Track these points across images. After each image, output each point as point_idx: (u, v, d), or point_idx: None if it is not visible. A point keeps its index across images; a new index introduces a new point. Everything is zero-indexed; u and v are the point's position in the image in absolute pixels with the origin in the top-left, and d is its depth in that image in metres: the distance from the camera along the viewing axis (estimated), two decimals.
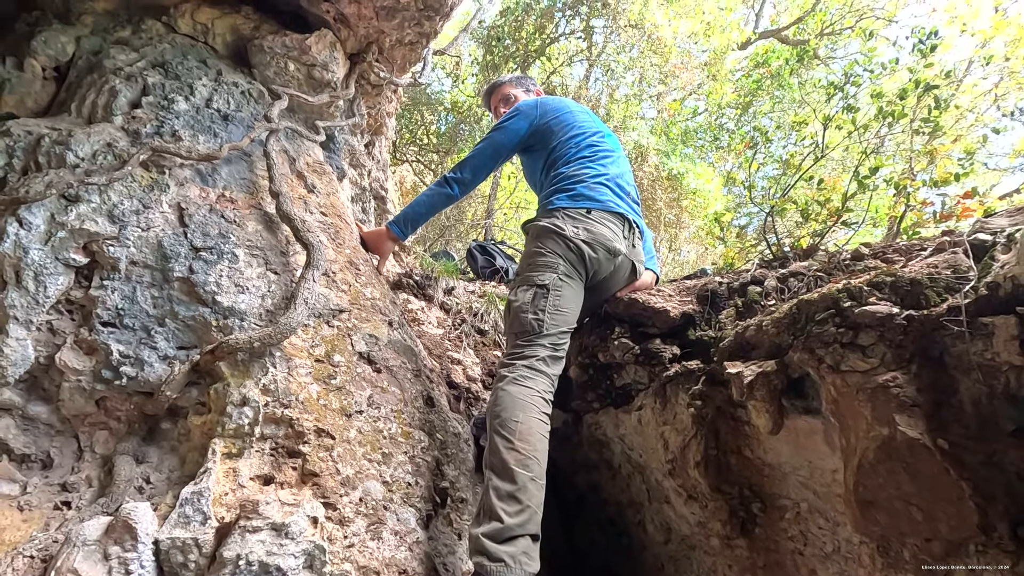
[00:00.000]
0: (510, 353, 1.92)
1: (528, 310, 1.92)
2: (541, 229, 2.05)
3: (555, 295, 1.94)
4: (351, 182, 3.11)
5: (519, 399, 1.77)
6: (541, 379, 1.86)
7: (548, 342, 1.89)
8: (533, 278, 1.98)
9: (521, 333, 1.91)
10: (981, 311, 1.23)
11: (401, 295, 3.19)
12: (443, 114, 7.86)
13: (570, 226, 2.01)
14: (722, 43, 6.87)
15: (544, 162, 2.29)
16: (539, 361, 1.86)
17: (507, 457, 1.63)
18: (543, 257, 2.00)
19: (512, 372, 1.85)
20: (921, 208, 2.23)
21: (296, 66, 2.54)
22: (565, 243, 2.00)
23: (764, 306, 1.91)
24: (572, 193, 2.09)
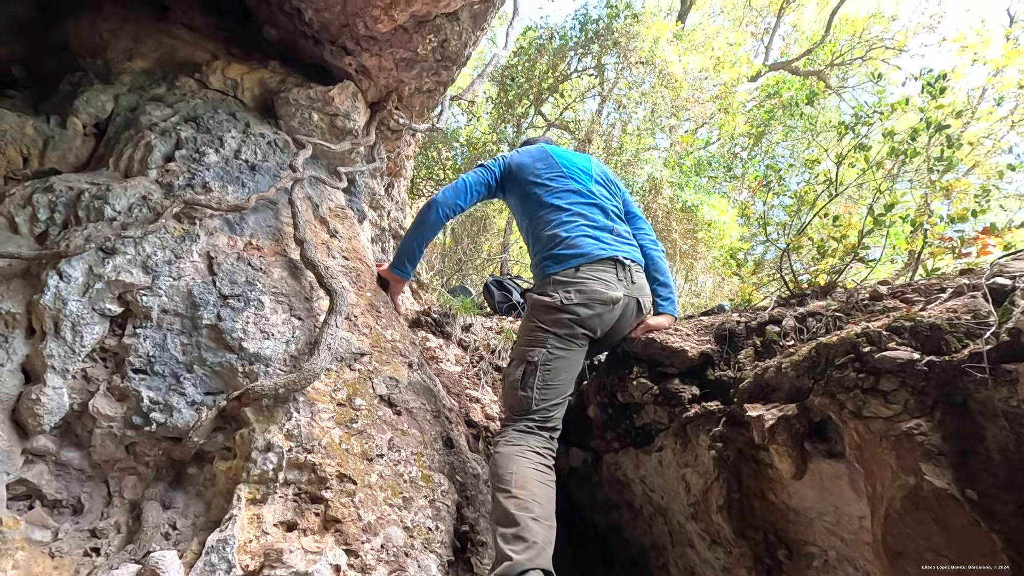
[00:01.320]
0: (503, 421, 2.02)
1: (518, 387, 1.98)
2: (535, 302, 2.10)
3: (544, 371, 1.98)
4: (371, 223, 3.19)
5: (511, 455, 1.83)
6: (532, 437, 1.92)
7: (538, 416, 1.95)
8: (525, 353, 2.03)
9: (513, 407, 2.00)
10: (1004, 358, 1.22)
11: (420, 333, 3.23)
12: (459, 149, 8.04)
13: (561, 294, 2.03)
14: (732, 77, 6.99)
15: (520, 211, 2.36)
16: (526, 426, 1.94)
17: (507, 504, 1.67)
18: (533, 331, 2.05)
19: (504, 436, 1.93)
20: (940, 244, 2.23)
21: (320, 116, 2.65)
22: (558, 312, 2.02)
23: (783, 346, 1.91)
24: (557, 256, 2.11)
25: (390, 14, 2.37)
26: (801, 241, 2.46)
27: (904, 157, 2.10)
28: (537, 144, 2.50)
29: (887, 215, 2.15)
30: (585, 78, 7.66)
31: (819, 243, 2.39)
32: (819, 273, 2.49)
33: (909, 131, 2.03)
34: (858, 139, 2.17)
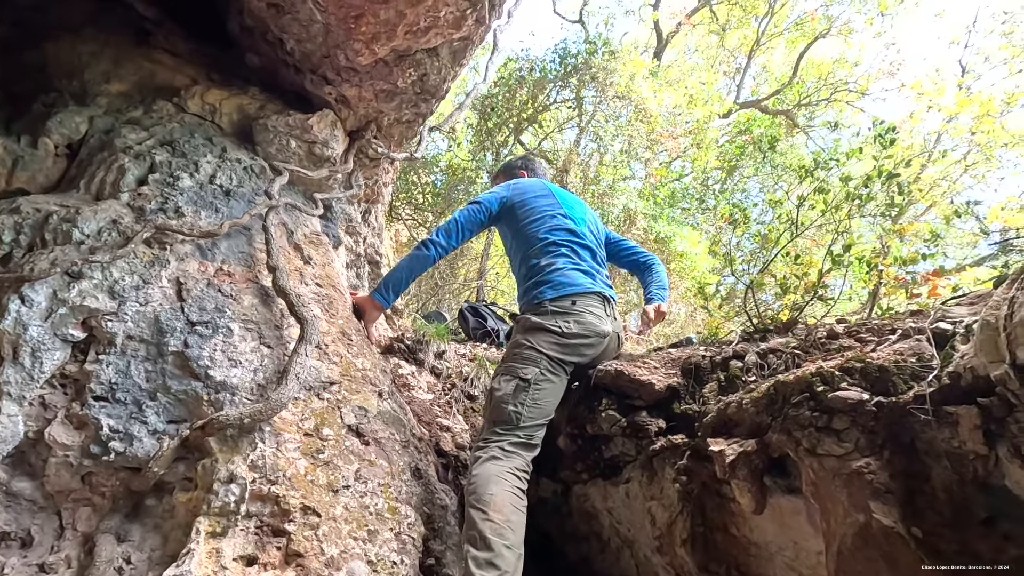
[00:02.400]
0: (485, 438, 2.01)
1: (509, 401, 2.00)
2: (534, 324, 2.14)
3: (535, 389, 2.03)
4: (347, 249, 3.20)
5: (492, 475, 1.85)
6: (514, 458, 1.94)
7: (523, 433, 1.98)
8: (517, 370, 2.07)
9: (499, 422, 2.00)
10: (946, 400, 1.29)
11: (392, 360, 3.22)
12: (439, 175, 8.11)
13: (561, 322, 2.11)
14: (705, 114, 7.26)
15: (513, 243, 2.43)
16: (511, 445, 1.95)
17: (483, 527, 1.68)
18: (528, 350, 2.09)
19: (486, 452, 1.94)
20: (894, 284, 2.33)
21: (298, 143, 2.67)
22: (556, 339, 2.10)
23: (745, 382, 1.96)
24: (554, 283, 2.19)
25: (371, 48, 2.42)
26: (764, 278, 2.55)
27: (859, 202, 2.21)
28: (537, 178, 2.60)
29: (844, 256, 2.24)
30: (564, 109, 7.85)
31: (781, 280, 2.48)
32: (782, 309, 2.58)
33: (863, 178, 2.15)
34: (819, 183, 2.28)
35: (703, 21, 9.93)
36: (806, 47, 9.31)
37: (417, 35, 2.40)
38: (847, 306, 3.65)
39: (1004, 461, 1.22)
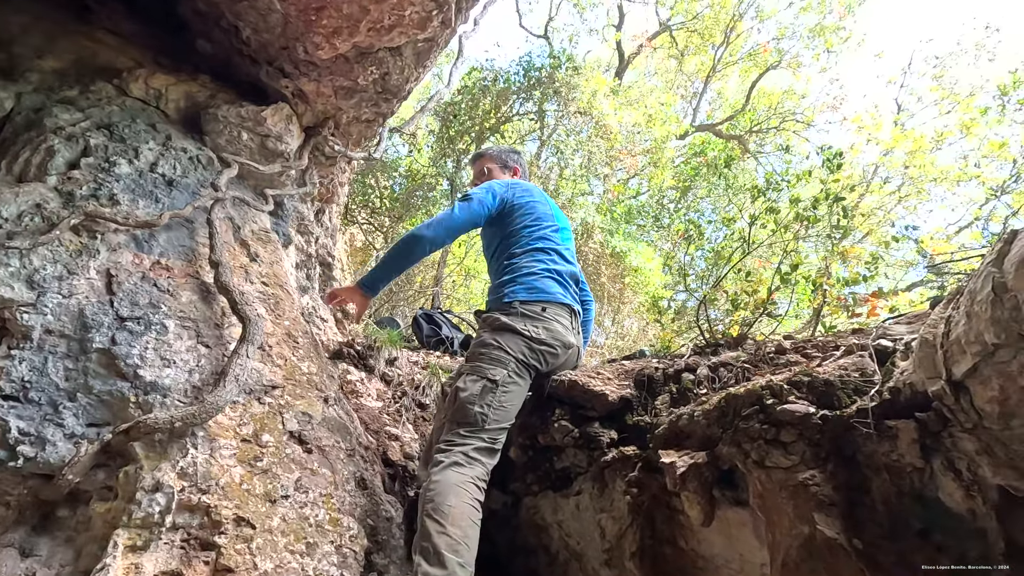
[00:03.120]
0: (448, 440, 1.92)
1: (475, 402, 1.94)
2: (503, 325, 2.09)
3: (503, 391, 1.98)
4: (297, 248, 3.08)
5: (453, 484, 1.77)
6: (477, 466, 1.88)
7: (487, 436, 1.92)
8: (485, 370, 2.01)
9: (463, 423, 1.93)
10: (886, 414, 1.32)
11: (341, 365, 3.10)
12: (397, 180, 7.99)
13: (530, 326, 2.07)
14: (662, 134, 7.47)
15: (499, 241, 2.34)
16: (475, 451, 1.88)
17: (438, 541, 1.62)
18: (497, 351, 2.04)
19: (448, 458, 1.85)
20: (837, 304, 2.42)
21: (250, 136, 2.56)
22: (525, 342, 2.06)
23: (696, 395, 1.98)
24: (528, 286, 2.16)
25: (332, 42, 2.35)
26: (716, 293, 2.60)
27: (807, 223, 2.29)
28: (530, 183, 2.53)
29: (792, 274, 2.31)
30: (526, 122, 7.90)
31: (733, 296, 2.53)
32: (732, 324, 2.64)
33: (811, 200, 2.23)
34: (769, 203, 2.35)
35: (663, 45, 10.25)
36: (758, 77, 9.76)
37: (380, 32, 2.35)
38: (793, 324, 3.79)
39: (938, 474, 1.26)
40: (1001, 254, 1.10)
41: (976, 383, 1.14)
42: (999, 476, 1.16)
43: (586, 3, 9.00)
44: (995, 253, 1.12)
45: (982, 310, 1.10)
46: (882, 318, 2.29)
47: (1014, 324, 1.03)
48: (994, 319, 1.07)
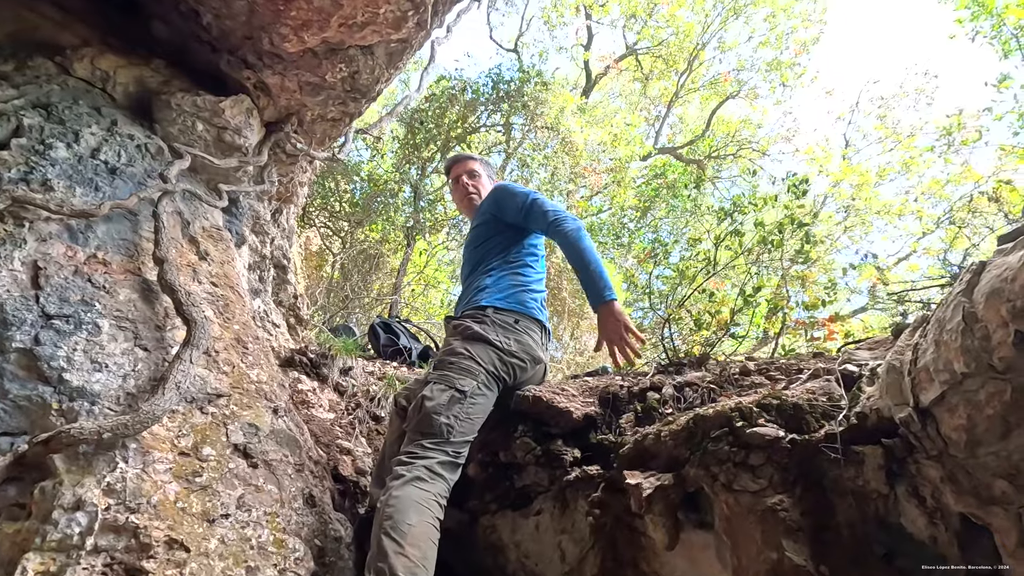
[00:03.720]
0: (410, 452, 1.82)
1: (442, 412, 1.86)
2: (475, 334, 2.02)
3: (471, 403, 1.91)
4: (251, 249, 2.92)
5: (414, 501, 1.68)
6: (439, 482, 1.79)
7: (452, 449, 1.84)
8: (454, 380, 1.93)
9: (428, 434, 1.84)
10: (854, 439, 1.33)
11: (292, 374, 2.95)
12: (359, 184, 7.81)
13: (502, 337, 2.02)
14: (626, 154, 7.62)
15: (500, 249, 2.26)
16: (439, 464, 1.80)
17: (395, 563, 1.53)
18: (467, 360, 1.97)
19: (410, 472, 1.75)
20: (796, 327, 2.46)
21: (205, 127, 2.41)
22: (496, 354, 2.00)
23: (662, 414, 1.96)
24: (506, 296, 2.11)
25: (300, 35, 2.25)
26: (680, 313, 2.61)
27: (771, 247, 2.33)
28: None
29: (755, 297, 2.34)
30: (493, 133, 7.89)
31: (696, 316, 2.54)
32: (693, 344, 2.65)
33: (776, 224, 2.27)
34: (735, 225, 2.39)
35: (629, 68, 10.50)
36: (718, 105, 10.12)
37: (352, 29, 2.26)
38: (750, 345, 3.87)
39: (902, 500, 1.27)
40: (971, 284, 1.12)
41: (943, 411, 1.15)
42: (961, 504, 1.17)
43: (556, 21, 9.14)
44: (964, 283, 1.14)
45: (952, 339, 1.11)
46: (840, 342, 2.34)
47: (984, 354, 1.04)
48: (964, 348, 1.08)
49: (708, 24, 9.47)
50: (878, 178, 7.47)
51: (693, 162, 9.66)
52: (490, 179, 2.54)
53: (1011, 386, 1.02)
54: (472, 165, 2.50)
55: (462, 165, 2.51)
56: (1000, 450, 1.08)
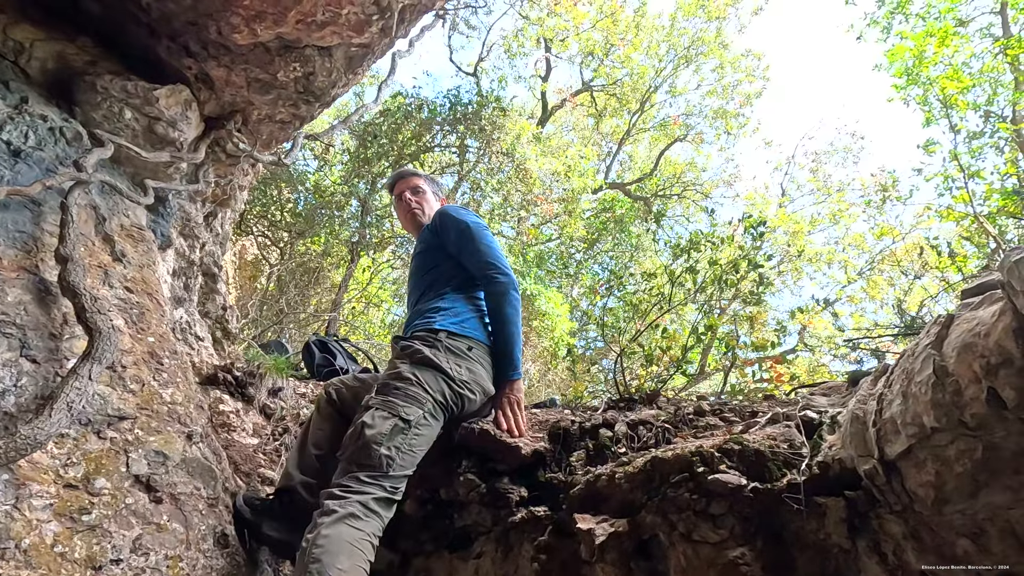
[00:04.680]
0: (344, 485, 1.65)
1: (382, 442, 1.69)
2: (423, 358, 1.89)
3: (415, 434, 1.77)
4: (177, 253, 2.66)
5: (346, 543, 1.51)
6: (374, 521, 1.62)
7: (390, 484, 1.68)
8: (398, 408, 1.77)
9: (365, 466, 1.67)
10: (816, 490, 1.28)
11: (214, 393, 2.67)
12: (303, 194, 7.50)
13: (454, 364, 1.91)
14: (579, 185, 7.73)
15: (453, 274, 2.18)
16: (375, 501, 1.63)
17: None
18: (414, 387, 1.83)
19: (343, 508, 1.58)
20: (743, 368, 2.47)
21: (135, 115, 2.18)
22: (446, 382, 1.88)
23: (615, 453, 1.88)
24: (461, 320, 2.01)
25: (252, 28, 2.09)
26: (633, 347, 2.57)
27: (724, 286, 2.34)
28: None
29: (707, 334, 2.32)
30: (447, 154, 7.82)
31: (648, 351, 2.51)
32: (644, 379, 2.61)
33: (731, 264, 2.28)
34: (691, 262, 2.38)
35: (584, 103, 10.78)
36: (667, 146, 10.53)
37: (311, 27, 2.13)
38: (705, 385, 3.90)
39: (863, 556, 1.23)
40: (940, 337, 1.11)
41: (910, 465, 1.12)
42: (923, 562, 1.14)
43: (517, 51, 9.28)
44: (933, 336, 1.12)
45: (922, 392, 1.09)
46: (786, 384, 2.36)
47: (955, 409, 1.02)
48: (934, 402, 1.06)
49: (661, 69, 9.91)
50: (810, 227, 7.93)
51: (640, 199, 9.95)
52: (436, 196, 2.46)
53: (982, 444, 1.00)
54: (416, 181, 2.42)
55: (406, 181, 2.42)
56: (967, 508, 1.05)
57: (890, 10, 7.75)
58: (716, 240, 2.25)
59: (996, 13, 7.32)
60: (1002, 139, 5.54)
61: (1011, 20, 6.69)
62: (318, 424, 2.13)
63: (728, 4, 9.87)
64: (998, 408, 0.96)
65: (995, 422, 0.97)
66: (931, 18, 6.92)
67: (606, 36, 9.74)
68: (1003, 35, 6.92)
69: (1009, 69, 5.82)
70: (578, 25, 9.48)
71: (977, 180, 4.74)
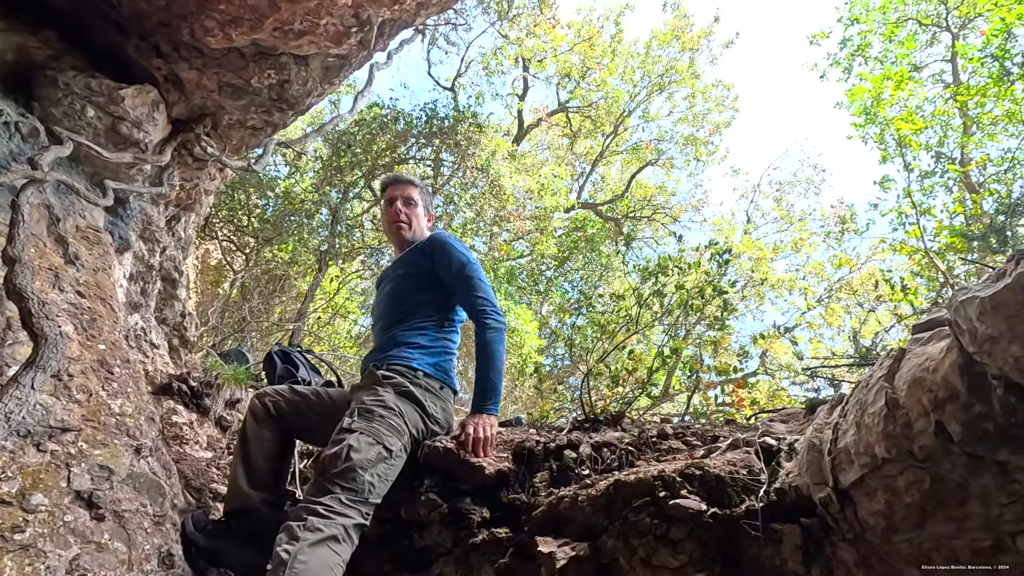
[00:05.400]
0: (327, 505, 1.62)
1: (368, 468, 1.70)
2: (407, 392, 1.93)
3: (392, 464, 1.81)
4: (136, 257, 2.57)
5: (327, 566, 1.52)
6: (347, 547, 1.63)
7: (365, 510, 1.69)
8: (384, 437, 1.79)
9: (348, 489, 1.66)
10: (773, 516, 1.31)
11: (167, 403, 2.57)
12: (272, 200, 7.35)
13: (431, 402, 1.97)
14: (551, 204, 7.82)
15: (435, 307, 2.17)
16: (353, 527, 1.64)
17: None
18: (397, 418, 1.86)
19: (328, 529, 1.57)
20: (707, 391, 2.51)
21: (98, 113, 2.11)
22: (422, 418, 1.94)
23: (579, 475, 1.88)
24: (435, 363, 2.06)
25: (227, 32, 2.05)
26: (600, 367, 2.59)
27: (690, 310, 2.38)
28: None
29: (672, 357, 2.36)
30: (422, 167, 7.80)
31: (615, 372, 2.53)
32: (609, 399, 2.62)
33: (697, 289, 2.33)
34: (658, 286, 2.42)
35: (559, 123, 10.95)
36: (638, 170, 10.76)
37: (288, 36, 2.11)
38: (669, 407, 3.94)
39: None
40: (892, 370, 1.15)
41: (862, 494, 1.15)
42: None
43: (495, 68, 9.38)
44: (885, 368, 1.17)
45: (874, 423, 1.12)
46: (747, 407, 2.41)
47: (905, 441, 1.06)
48: (886, 433, 1.09)
49: (635, 94, 10.16)
50: (773, 254, 8.18)
51: (612, 219, 10.11)
52: (427, 211, 2.39)
53: (930, 475, 1.03)
54: (412, 192, 2.31)
55: (402, 188, 2.32)
56: (914, 538, 1.08)
57: (851, 52, 8.16)
58: (683, 265, 2.31)
59: (947, 61, 7.79)
60: (951, 179, 5.88)
61: (961, 68, 7.13)
62: (262, 436, 2.08)
63: (701, 36, 10.23)
64: (945, 441, 1.00)
65: (942, 455, 1.01)
66: (888, 62, 7.33)
67: (583, 59, 9.95)
68: (953, 82, 7.36)
69: (958, 114, 6.19)
70: (556, 47, 9.66)
71: (928, 217, 5.00)
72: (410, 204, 2.29)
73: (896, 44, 7.51)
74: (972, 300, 0.92)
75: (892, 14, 7.53)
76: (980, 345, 0.92)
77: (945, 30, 7.55)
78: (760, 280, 7.63)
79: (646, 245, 10.73)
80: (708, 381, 2.60)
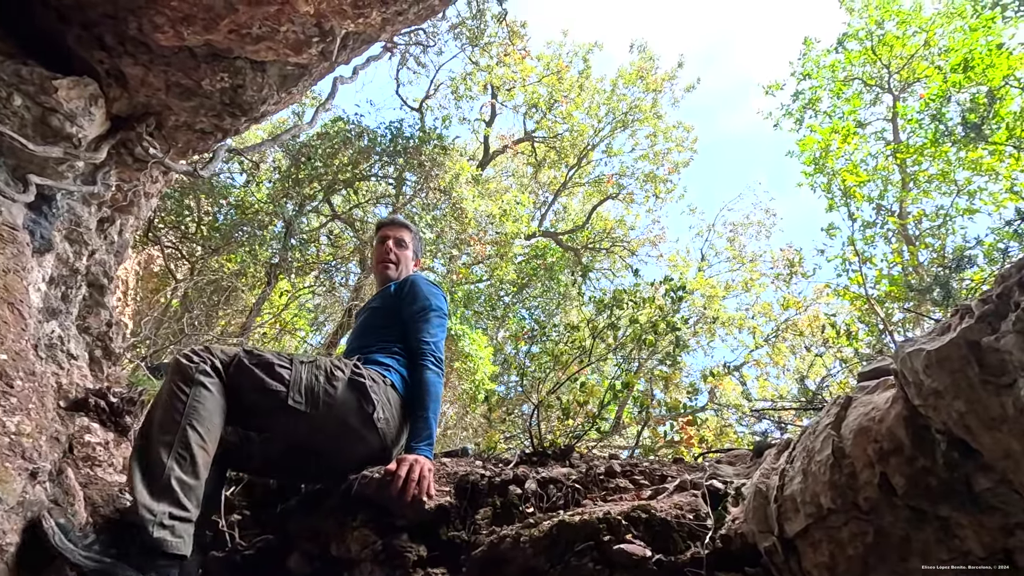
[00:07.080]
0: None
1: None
2: (357, 384, 1.94)
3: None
4: (59, 259, 2.36)
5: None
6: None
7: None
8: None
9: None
10: (719, 564, 1.27)
11: (80, 420, 2.34)
12: (225, 208, 7.07)
13: (381, 399, 1.98)
14: (512, 230, 7.84)
15: (395, 335, 2.19)
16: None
17: None
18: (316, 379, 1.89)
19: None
20: (656, 427, 2.48)
21: (27, 102, 1.95)
22: (360, 405, 1.92)
23: (523, 512, 1.80)
24: (404, 381, 2.09)
25: (178, 30, 1.95)
26: (551, 399, 2.54)
27: (643, 344, 2.37)
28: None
29: (623, 392, 2.33)
30: (383, 184, 7.70)
31: (566, 404, 2.48)
32: (559, 433, 2.57)
33: (650, 324, 2.33)
34: (612, 319, 2.41)
35: (524, 152, 11.08)
36: (599, 202, 10.97)
37: (245, 39, 2.02)
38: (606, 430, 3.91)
39: None
40: (839, 418, 1.14)
41: (806, 545, 1.13)
42: None
43: (463, 93, 9.44)
44: (832, 416, 1.16)
45: (820, 472, 1.11)
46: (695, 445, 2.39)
47: (850, 491, 1.04)
48: (832, 483, 1.07)
49: (600, 129, 10.42)
50: (724, 292, 8.42)
51: (571, 249, 10.21)
52: (415, 256, 2.50)
53: (873, 528, 1.01)
54: (405, 235, 2.44)
55: (396, 229, 2.45)
56: None
57: (802, 105, 8.64)
58: (638, 299, 2.32)
59: (888, 120, 8.34)
60: (891, 231, 6.22)
61: (900, 128, 7.64)
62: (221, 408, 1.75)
63: (665, 79, 10.63)
64: (889, 494, 0.98)
65: (886, 507, 0.99)
66: (836, 116, 7.79)
67: (551, 92, 10.16)
68: (893, 140, 7.87)
69: (898, 170, 6.60)
70: (525, 77, 9.84)
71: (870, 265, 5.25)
72: (401, 246, 2.40)
73: (843, 100, 8.01)
74: (919, 352, 0.91)
75: (840, 73, 8.05)
76: (925, 398, 0.91)
77: (887, 91, 8.10)
78: (712, 318, 7.82)
79: (603, 276, 10.89)
80: (658, 416, 2.59)
